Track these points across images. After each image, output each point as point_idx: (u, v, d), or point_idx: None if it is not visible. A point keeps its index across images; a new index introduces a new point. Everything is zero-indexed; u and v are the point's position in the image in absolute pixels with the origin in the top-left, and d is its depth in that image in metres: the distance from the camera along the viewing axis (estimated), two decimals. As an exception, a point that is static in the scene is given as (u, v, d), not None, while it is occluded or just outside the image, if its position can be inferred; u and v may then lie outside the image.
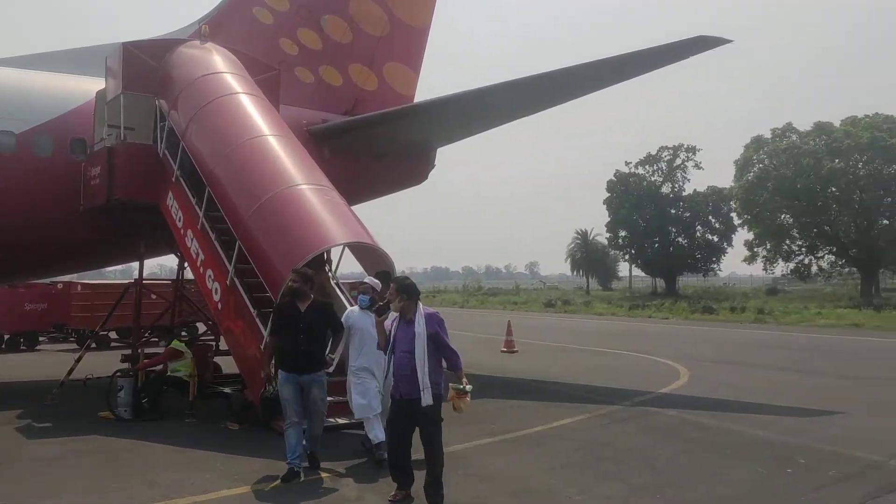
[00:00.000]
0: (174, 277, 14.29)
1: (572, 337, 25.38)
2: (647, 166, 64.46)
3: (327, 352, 7.92)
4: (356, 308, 8.27)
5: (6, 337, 22.21)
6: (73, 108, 13.64)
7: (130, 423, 10.12)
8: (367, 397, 7.93)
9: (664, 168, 64.14)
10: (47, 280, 22.05)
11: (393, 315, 6.70)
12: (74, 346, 21.67)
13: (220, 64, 12.93)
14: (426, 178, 18.51)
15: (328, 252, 10.94)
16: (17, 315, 21.81)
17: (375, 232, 10.56)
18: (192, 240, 11.18)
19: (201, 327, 14.39)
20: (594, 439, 9.24)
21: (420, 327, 6.37)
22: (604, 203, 64.19)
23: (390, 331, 6.58)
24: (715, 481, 7.39)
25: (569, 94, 15.24)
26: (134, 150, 12.42)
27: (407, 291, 6.53)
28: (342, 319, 8.13)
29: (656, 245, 62.60)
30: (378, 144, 16.61)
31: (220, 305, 10.49)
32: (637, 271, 73.73)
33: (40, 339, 23.16)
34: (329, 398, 8.10)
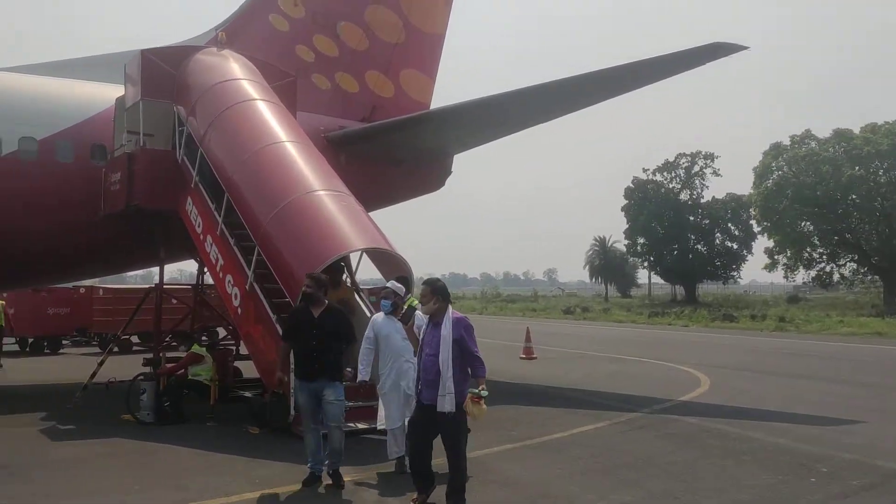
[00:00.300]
0: (194, 282, 14.40)
1: (591, 344, 25.27)
2: (664, 173, 64.12)
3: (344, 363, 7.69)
4: (380, 314, 8.04)
5: (30, 340, 22.56)
6: (94, 114, 13.82)
7: (152, 427, 10.21)
8: (389, 409, 7.78)
9: (682, 175, 63.78)
10: (70, 284, 22.31)
11: (419, 318, 6.65)
12: (97, 349, 21.92)
13: (238, 70, 13.05)
14: (443, 184, 18.56)
15: (347, 259, 10.96)
16: (41, 319, 22.11)
17: (393, 238, 10.61)
18: (211, 245, 11.28)
19: (222, 331, 14.46)
20: (613, 446, 9.18)
21: (447, 331, 6.23)
22: (622, 210, 63.96)
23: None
24: (735, 489, 7.32)
25: (585, 100, 15.27)
26: (153, 156, 12.55)
27: (441, 293, 6.42)
28: (368, 327, 7.96)
29: (675, 252, 62.18)
30: (395, 151, 16.67)
31: (239, 310, 10.57)
32: (656, 278, 73.40)
33: (63, 342, 23.44)
34: (349, 402, 8.10)
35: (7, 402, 12.87)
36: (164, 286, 13.46)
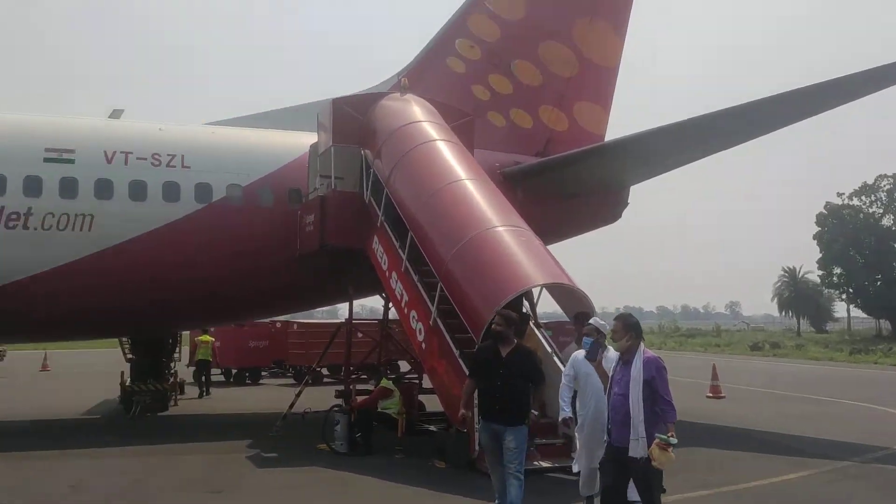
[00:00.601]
0: (376, 317, 14.98)
1: (784, 383, 23.42)
2: (863, 197, 58.83)
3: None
4: (580, 352, 7.69)
5: (234, 371, 24.58)
6: (290, 161, 14.91)
7: (345, 457, 10.67)
8: (585, 448, 7.54)
9: (884, 198, 58.15)
10: (267, 319, 24.09)
11: (610, 355, 6.47)
12: (292, 380, 23.42)
13: (419, 113, 13.61)
14: (619, 216, 18.14)
15: (529, 294, 10.93)
16: (243, 352, 24.10)
17: (570, 271, 10.46)
18: (396, 282, 11.73)
19: (402, 365, 14.94)
20: (823, 498, 8.41)
21: (637, 370, 5.94)
22: (814, 238, 59.32)
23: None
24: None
25: (775, 123, 14.41)
26: (343, 197, 13.32)
27: (634, 329, 6.14)
28: (568, 365, 7.79)
29: (879, 283, 56.47)
30: (570, 184, 16.58)
31: (423, 345, 10.87)
32: (856, 312, 66.89)
33: (262, 373, 25.27)
34: (537, 440, 7.98)
35: (217, 429, 14.10)
36: (353, 321, 14.13)
